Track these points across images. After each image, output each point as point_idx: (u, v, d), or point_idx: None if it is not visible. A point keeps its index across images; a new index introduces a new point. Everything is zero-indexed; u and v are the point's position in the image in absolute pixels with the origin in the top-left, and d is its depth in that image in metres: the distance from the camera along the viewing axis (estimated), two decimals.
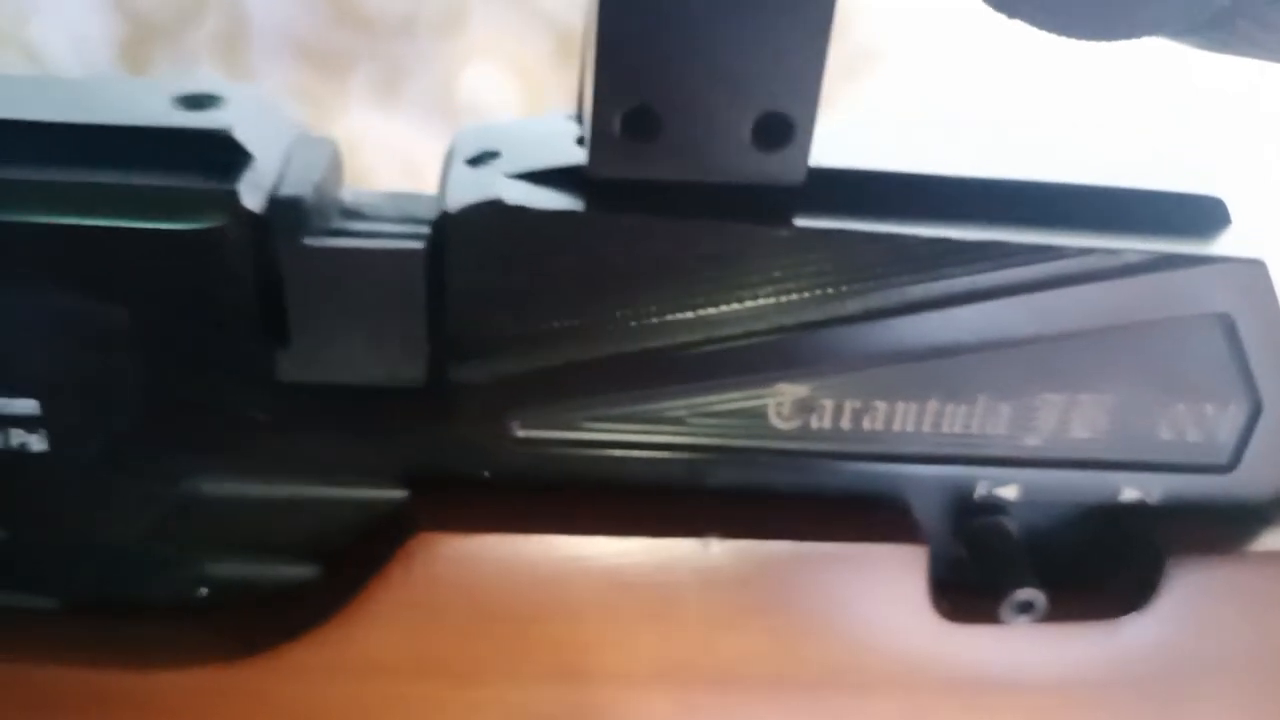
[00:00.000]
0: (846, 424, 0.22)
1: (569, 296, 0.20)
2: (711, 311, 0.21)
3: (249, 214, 0.19)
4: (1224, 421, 0.22)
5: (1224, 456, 0.23)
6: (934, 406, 0.22)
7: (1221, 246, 0.21)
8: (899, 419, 0.22)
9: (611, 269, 0.20)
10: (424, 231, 0.21)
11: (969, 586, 0.22)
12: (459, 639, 0.22)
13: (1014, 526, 0.23)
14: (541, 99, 0.54)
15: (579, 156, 0.21)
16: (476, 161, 0.21)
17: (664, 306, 0.21)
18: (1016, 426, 0.22)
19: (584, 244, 0.20)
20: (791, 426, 0.22)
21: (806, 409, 0.22)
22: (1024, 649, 0.23)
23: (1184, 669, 0.23)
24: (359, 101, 0.58)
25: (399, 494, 0.22)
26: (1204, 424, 0.22)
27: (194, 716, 0.22)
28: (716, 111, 0.19)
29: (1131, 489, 0.23)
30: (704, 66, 0.19)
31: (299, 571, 0.22)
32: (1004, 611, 0.22)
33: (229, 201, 0.19)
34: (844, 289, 0.21)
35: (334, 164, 0.22)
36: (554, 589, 0.22)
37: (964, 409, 0.22)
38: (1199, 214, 0.22)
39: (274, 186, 0.20)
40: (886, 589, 0.22)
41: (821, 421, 0.22)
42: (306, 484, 0.22)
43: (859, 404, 0.22)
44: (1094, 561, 0.23)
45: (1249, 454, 0.22)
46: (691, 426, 0.22)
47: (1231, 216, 0.22)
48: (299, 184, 0.20)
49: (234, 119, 0.20)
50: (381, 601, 0.21)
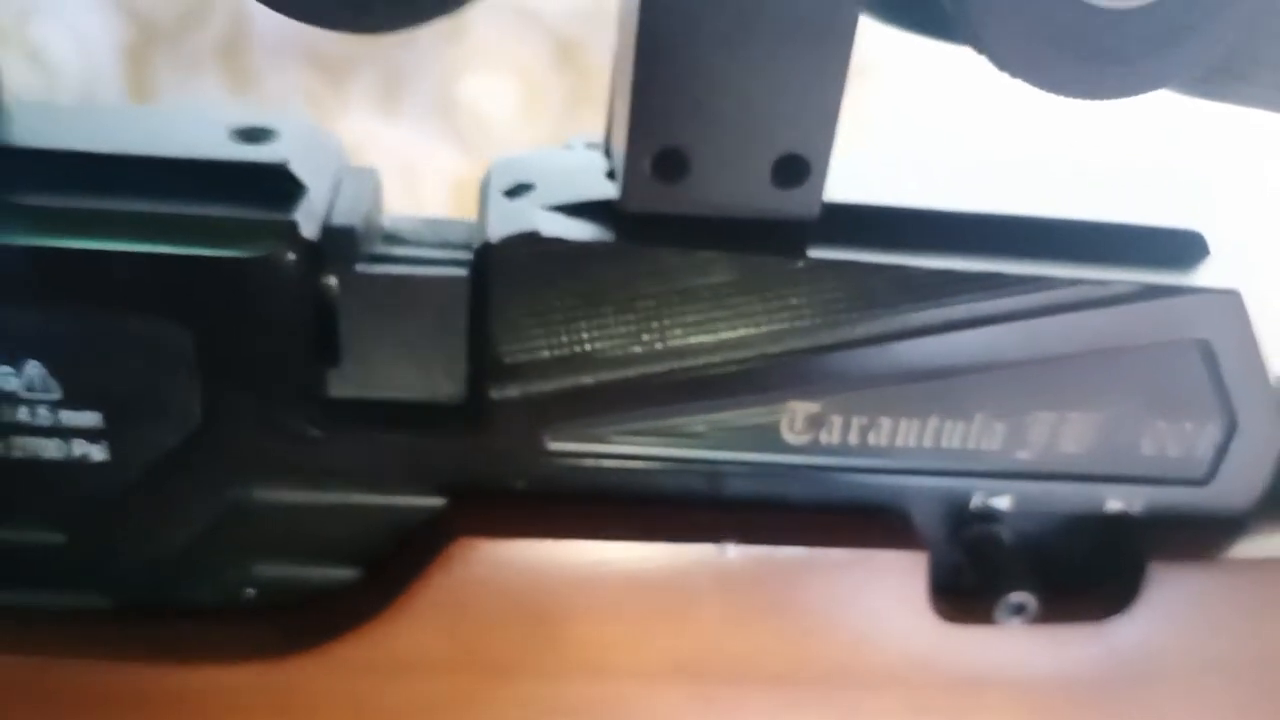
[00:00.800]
0: (854, 439, 0.23)
1: (600, 321, 0.22)
2: (730, 335, 0.22)
3: (306, 243, 0.21)
4: (1202, 438, 0.24)
5: (1202, 470, 0.24)
6: (934, 423, 0.23)
7: (1201, 278, 0.23)
8: (902, 434, 0.23)
9: (640, 296, 0.22)
10: (462, 257, 0.23)
11: (965, 590, 0.24)
12: (493, 638, 0.23)
13: (1007, 534, 0.25)
14: (541, 106, 0.56)
15: (609, 190, 0.22)
16: (513, 193, 0.23)
17: (687, 330, 0.22)
18: (1010, 441, 0.24)
19: (615, 273, 0.22)
20: (802, 441, 0.23)
21: (817, 425, 0.23)
22: (1016, 648, 0.24)
23: (1165, 667, 0.25)
24: (360, 106, 0.59)
25: (438, 502, 0.23)
26: (1183, 440, 0.24)
27: (243, 712, 0.23)
28: (740, 154, 0.21)
29: (1116, 500, 0.25)
30: (729, 113, 0.21)
31: (340, 574, 0.24)
32: (998, 613, 0.24)
33: (288, 231, 0.21)
34: (853, 315, 0.22)
35: (377, 192, 0.23)
36: (581, 591, 0.23)
37: (962, 425, 0.23)
38: (1180, 246, 0.23)
39: (327, 216, 0.22)
40: (889, 592, 0.24)
41: (830, 436, 0.23)
42: (351, 492, 0.23)
43: (865, 420, 0.23)
44: (1081, 566, 0.25)
45: (1225, 468, 0.24)
46: (710, 440, 0.23)
47: (1210, 248, 0.24)
48: (349, 213, 0.22)
49: (288, 151, 0.22)
50: (422, 602, 0.23)
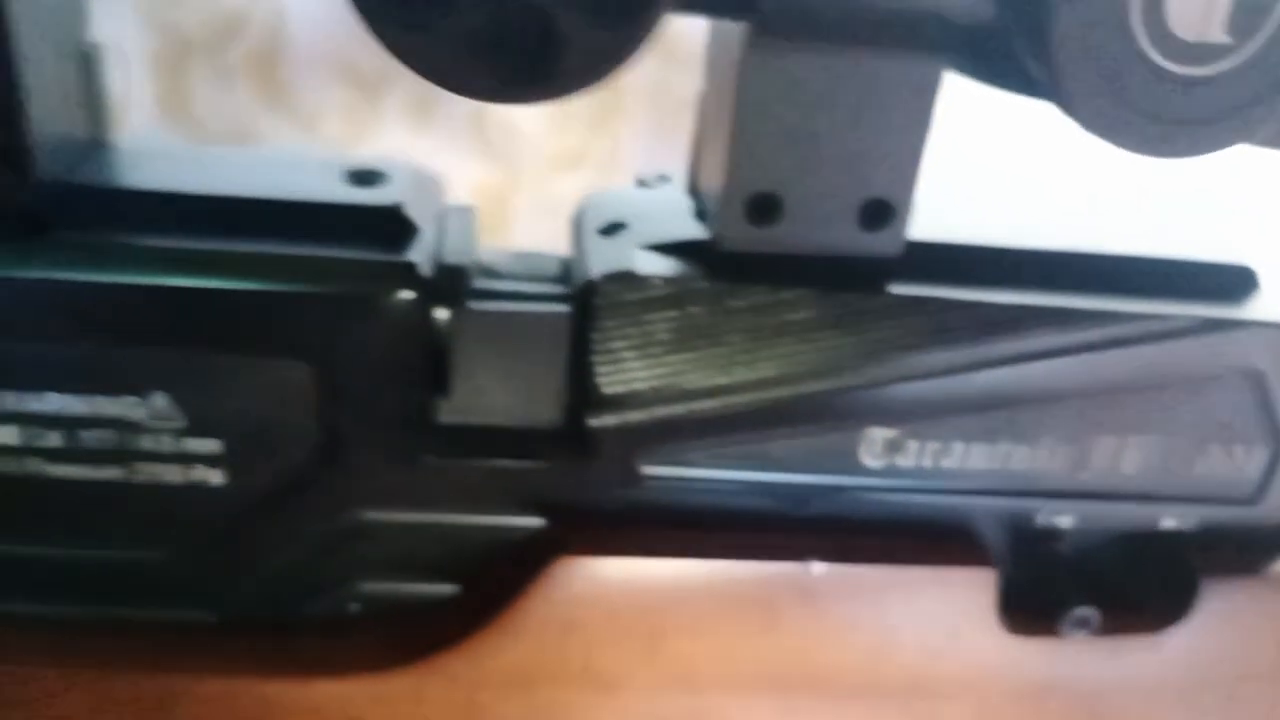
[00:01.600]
0: (927, 462, 0.25)
1: (693, 354, 0.23)
2: (815, 366, 0.24)
3: (423, 282, 0.22)
4: (1251, 461, 0.26)
5: (1250, 490, 0.26)
6: (1003, 446, 0.25)
7: (1252, 311, 0.24)
8: (973, 457, 0.25)
9: (731, 330, 0.23)
10: (556, 291, 0.24)
11: (1029, 604, 0.26)
12: (590, 651, 0.25)
13: (1068, 550, 0.26)
14: (569, 119, 0.57)
15: (699, 230, 0.24)
16: (608, 232, 0.24)
17: (774, 362, 0.24)
18: (1073, 464, 0.25)
19: (709, 309, 0.23)
20: (880, 464, 0.25)
21: (893, 449, 0.25)
22: (1077, 659, 0.26)
23: (1214, 675, 0.26)
24: (393, 119, 0.60)
25: (538, 522, 0.24)
26: (1233, 463, 0.26)
27: None
28: (829, 198, 0.22)
29: (1169, 518, 0.26)
30: (822, 160, 0.22)
31: (440, 589, 0.25)
32: (1063, 626, 0.25)
33: (407, 272, 0.22)
34: (930, 346, 0.24)
35: (475, 229, 0.25)
36: (674, 607, 0.25)
37: (1029, 449, 0.25)
38: (1232, 281, 0.25)
39: (437, 254, 0.23)
40: (960, 607, 0.25)
41: (906, 460, 0.25)
42: (455, 513, 0.24)
43: (939, 445, 0.25)
44: (1137, 581, 0.26)
45: (1272, 489, 0.26)
46: (794, 465, 0.25)
47: (1260, 283, 0.25)
48: (457, 252, 0.23)
49: (400, 194, 0.23)
50: (523, 618, 0.24)
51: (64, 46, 0.22)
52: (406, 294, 0.22)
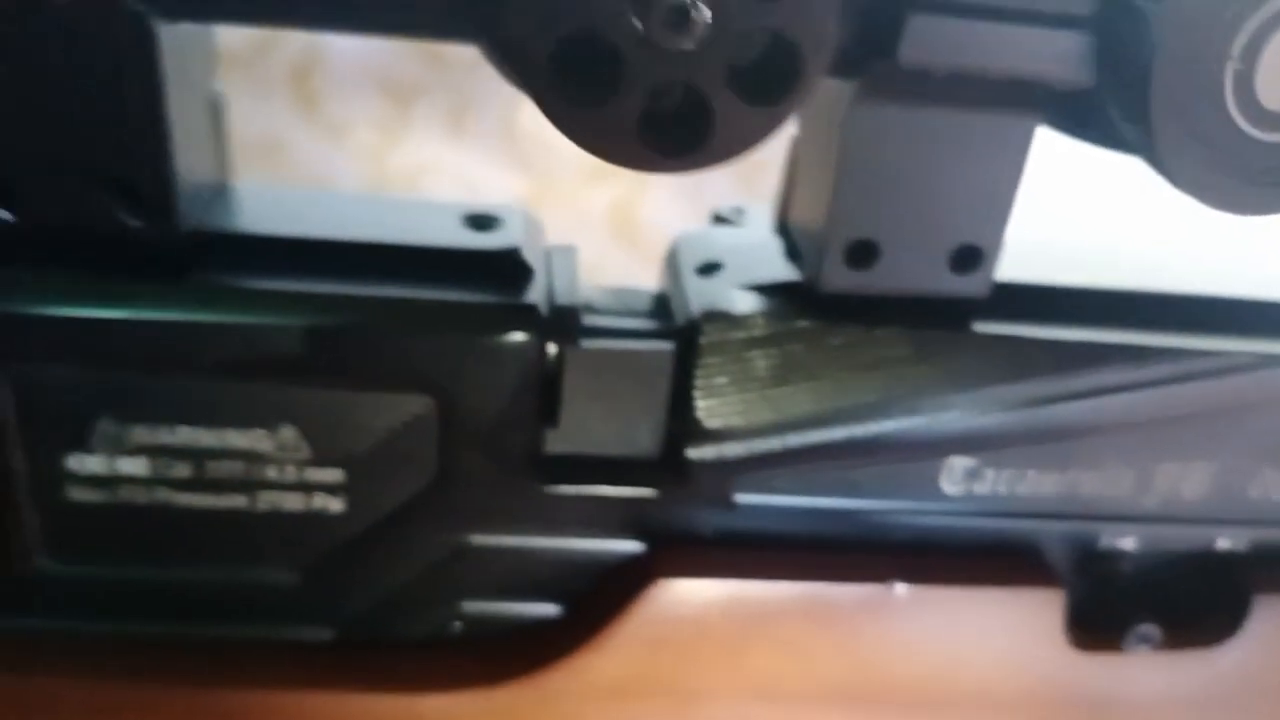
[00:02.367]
0: (1003, 489, 0.26)
1: (789, 390, 0.25)
2: (903, 400, 0.25)
3: (541, 323, 0.24)
4: None
5: None
6: (1073, 473, 0.26)
7: None
8: (1044, 484, 0.27)
9: (826, 366, 0.25)
10: (657, 328, 0.25)
11: (1095, 621, 0.27)
12: (679, 666, 0.26)
13: (1131, 570, 0.28)
14: None
15: (792, 271, 0.25)
16: (705, 271, 0.26)
17: (866, 396, 0.25)
18: (1138, 490, 0.27)
19: (806, 347, 0.24)
20: (958, 491, 0.26)
21: (972, 477, 0.26)
22: (1137, 672, 0.27)
23: (1265, 688, 0.28)
24: (426, 130, 0.61)
25: (636, 546, 0.26)
26: None
27: None
28: (923, 244, 0.24)
29: (1224, 539, 0.28)
30: (918, 210, 0.23)
31: (540, 609, 0.27)
32: (1127, 642, 0.27)
33: (529, 314, 0.23)
34: (1011, 381, 0.25)
35: (578, 268, 0.26)
36: (759, 624, 0.26)
37: (1097, 476, 0.27)
38: None
39: (550, 295, 0.24)
40: (1029, 623, 0.27)
41: (983, 486, 0.26)
42: (558, 536, 0.26)
43: (1014, 473, 0.26)
44: (1193, 598, 0.28)
45: None
46: (879, 491, 0.26)
47: None
48: (567, 293, 0.25)
49: (516, 238, 0.24)
50: (623, 636, 0.26)
51: (200, 95, 0.23)
52: (528, 335, 0.23)
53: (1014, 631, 0.27)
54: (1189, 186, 0.21)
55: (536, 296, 0.24)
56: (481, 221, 0.25)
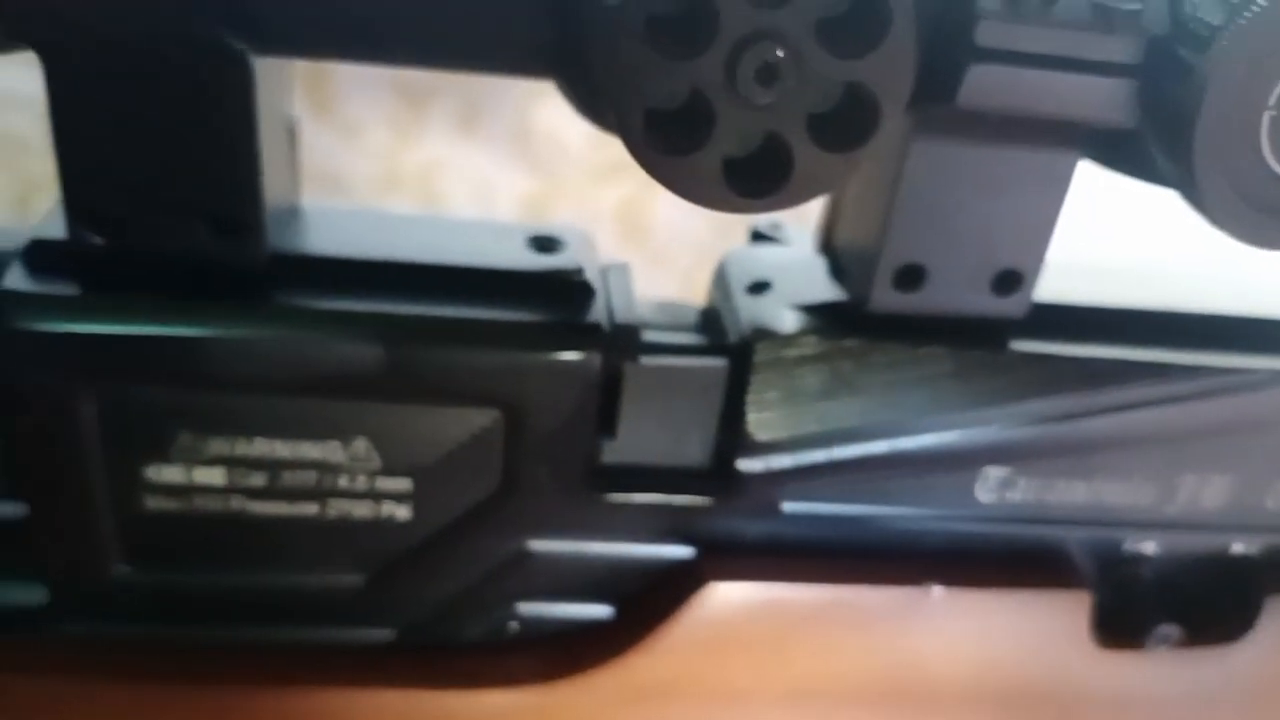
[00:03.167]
0: (1033, 497, 0.28)
1: (835, 405, 0.26)
2: (943, 414, 0.26)
3: (604, 341, 0.25)
4: None
5: None
6: (1099, 483, 0.28)
7: None
8: (1073, 493, 0.28)
9: (871, 383, 0.26)
10: (710, 343, 0.27)
11: (1119, 622, 0.29)
12: (726, 666, 0.28)
13: (1151, 574, 0.29)
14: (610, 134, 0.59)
15: (838, 291, 0.26)
16: (755, 290, 0.27)
17: (908, 412, 0.26)
18: (1160, 498, 0.28)
19: (853, 365, 0.26)
20: (992, 499, 0.28)
21: (1005, 486, 0.28)
22: (1156, 670, 0.29)
23: (1274, 685, 0.30)
24: (439, 130, 0.62)
25: (687, 551, 0.27)
26: None
27: None
28: (968, 269, 0.25)
29: (1239, 544, 0.29)
30: (965, 237, 0.25)
31: (593, 611, 0.28)
32: (1149, 642, 0.28)
33: (594, 333, 0.25)
34: (1046, 396, 0.27)
35: (632, 285, 0.27)
36: (803, 626, 0.27)
37: (1122, 485, 0.28)
38: None
39: (610, 313, 0.26)
40: (1057, 624, 0.28)
41: (1015, 495, 0.28)
42: (612, 541, 0.27)
43: (1044, 482, 0.28)
44: (1209, 600, 0.29)
45: None
46: (918, 500, 0.27)
47: None
48: (625, 311, 0.26)
49: (578, 259, 0.26)
50: (673, 637, 0.27)
51: (281, 122, 0.24)
52: (591, 353, 0.24)
53: (1043, 632, 0.28)
54: (1223, 222, 0.22)
55: (598, 315, 0.25)
56: (545, 243, 0.26)
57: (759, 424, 0.26)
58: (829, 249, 0.28)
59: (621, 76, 0.18)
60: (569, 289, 0.25)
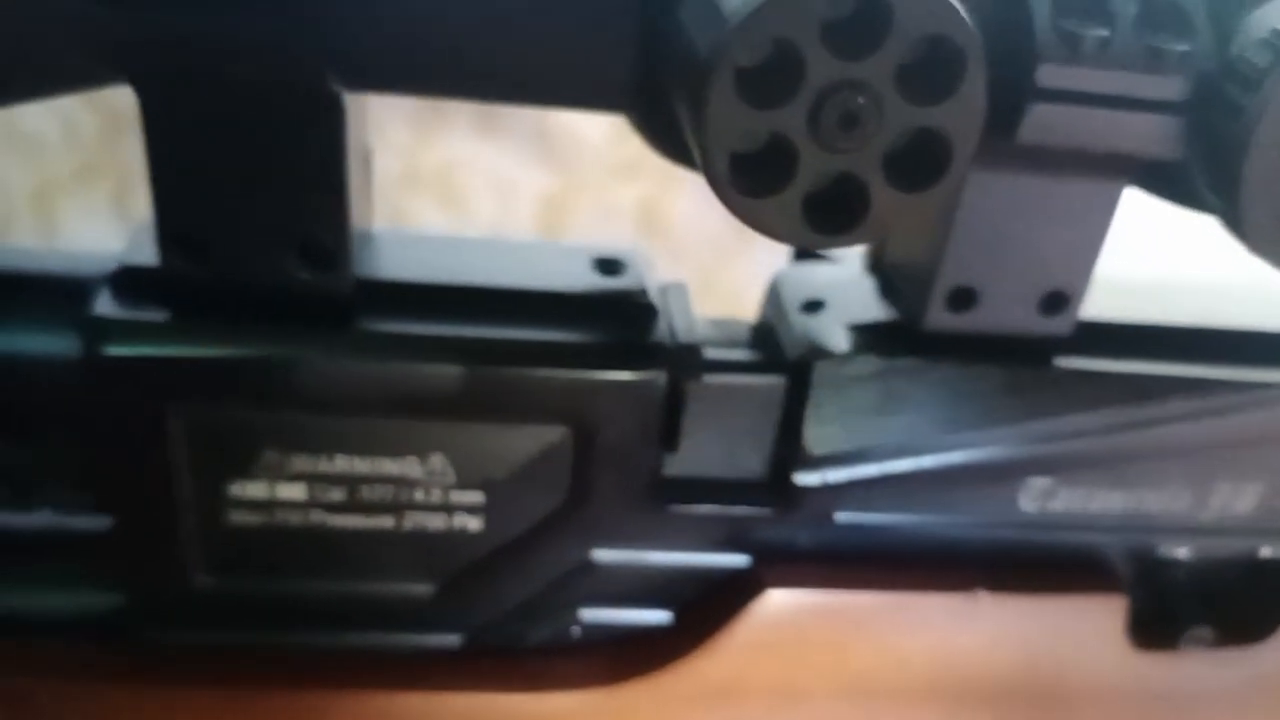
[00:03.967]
0: (1075, 506, 0.29)
1: (889, 421, 0.27)
2: (991, 429, 0.28)
3: (669, 360, 0.26)
4: None
5: None
6: (1136, 492, 0.29)
7: None
8: (1112, 501, 0.29)
9: (923, 399, 0.27)
10: (766, 360, 0.28)
11: (1155, 624, 0.30)
12: (781, 669, 0.29)
13: (1185, 577, 0.30)
14: (629, 132, 0.60)
15: (890, 310, 0.28)
16: (809, 309, 0.28)
17: (959, 426, 0.28)
18: (1193, 506, 0.30)
19: (906, 383, 0.27)
20: (1035, 508, 0.29)
21: (1048, 495, 0.29)
22: (1190, 668, 0.30)
23: None
24: (460, 127, 0.63)
25: (744, 560, 0.28)
26: None
27: None
28: (1017, 291, 0.26)
29: (1267, 548, 0.31)
30: (1015, 261, 0.26)
31: (652, 616, 0.29)
32: (1183, 642, 0.30)
33: (658, 353, 0.26)
34: (1088, 410, 0.28)
35: (690, 304, 0.28)
36: (857, 630, 0.29)
37: (1159, 494, 0.29)
38: None
39: (672, 333, 0.27)
40: (1095, 626, 0.30)
41: (1057, 504, 0.29)
42: (672, 551, 0.28)
43: (1085, 491, 0.29)
44: (1239, 601, 0.31)
45: None
46: (964, 509, 0.29)
47: None
48: (687, 330, 0.27)
49: (641, 280, 0.27)
50: (727, 641, 0.28)
51: (363, 150, 0.25)
52: (657, 372, 0.26)
53: (1081, 634, 0.29)
54: (1264, 251, 0.23)
55: (662, 335, 0.26)
56: (609, 265, 0.27)
57: (816, 439, 0.27)
58: (879, 269, 0.29)
59: (709, 125, 0.19)
60: (634, 310, 0.26)
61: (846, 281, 0.29)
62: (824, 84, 0.19)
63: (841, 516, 0.28)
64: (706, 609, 0.28)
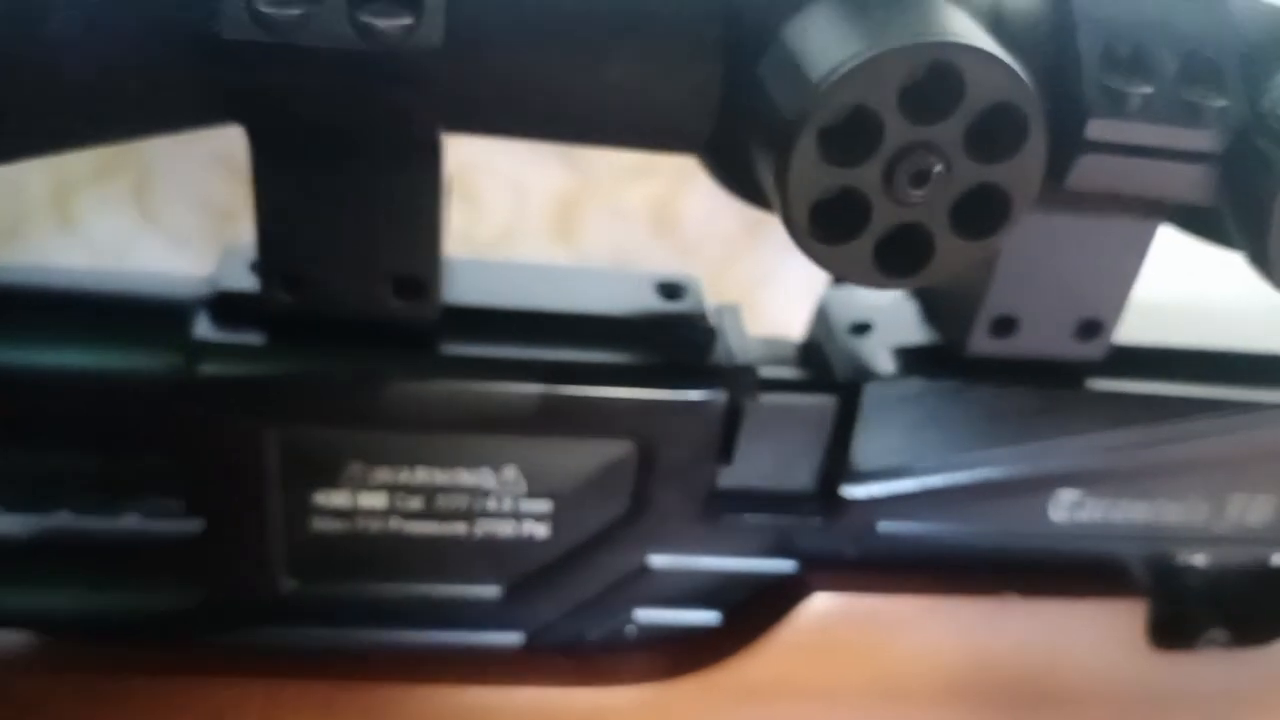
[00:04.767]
0: (1100, 516, 0.31)
1: (929, 439, 0.29)
2: (1026, 445, 0.30)
3: (728, 381, 0.28)
4: None
5: None
6: (1158, 503, 0.31)
7: None
8: (1134, 512, 0.31)
9: (964, 419, 0.29)
10: (816, 379, 0.29)
11: (1173, 627, 0.32)
12: (827, 669, 0.31)
13: (1201, 583, 0.33)
14: None
15: (934, 334, 0.29)
16: (857, 331, 0.30)
17: (995, 444, 0.29)
18: (1211, 516, 0.32)
19: (949, 403, 0.29)
20: (1063, 519, 0.31)
21: (1075, 506, 0.31)
22: (1205, 668, 0.32)
23: None
24: None
25: (791, 566, 0.30)
26: None
27: None
28: (1055, 319, 0.28)
29: (1278, 556, 0.33)
30: (1054, 291, 0.28)
31: (703, 617, 0.31)
32: (1199, 644, 0.32)
33: (718, 374, 0.27)
34: (1117, 428, 0.30)
35: (743, 325, 0.30)
36: (896, 632, 0.31)
37: (1178, 505, 0.31)
38: None
39: (730, 355, 0.28)
40: (1116, 629, 0.32)
41: (1083, 515, 0.31)
42: (723, 556, 0.30)
43: (1110, 502, 0.31)
44: (1252, 605, 0.33)
45: None
46: (998, 519, 0.31)
47: None
48: (742, 351, 0.29)
49: (701, 303, 0.28)
50: (779, 642, 0.30)
51: (445, 184, 0.27)
52: (717, 392, 0.27)
53: (1103, 636, 0.32)
54: None
55: (720, 356, 0.28)
56: (671, 290, 0.29)
57: (861, 453, 0.29)
58: (922, 294, 0.31)
59: (791, 180, 0.21)
60: (695, 332, 0.28)
61: (891, 306, 0.30)
62: (899, 145, 0.20)
63: (883, 526, 0.30)
64: (755, 611, 0.30)
